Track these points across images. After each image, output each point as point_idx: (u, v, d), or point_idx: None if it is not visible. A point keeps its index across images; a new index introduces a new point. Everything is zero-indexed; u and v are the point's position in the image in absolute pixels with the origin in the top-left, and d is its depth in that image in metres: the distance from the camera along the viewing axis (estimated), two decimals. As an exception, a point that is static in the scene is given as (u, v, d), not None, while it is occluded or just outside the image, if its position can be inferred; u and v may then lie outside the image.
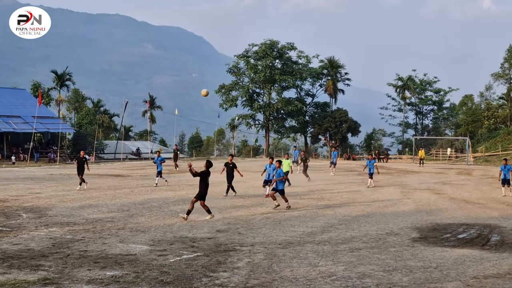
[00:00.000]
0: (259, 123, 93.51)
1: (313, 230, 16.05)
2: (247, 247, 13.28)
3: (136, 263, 11.51)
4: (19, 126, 65.76)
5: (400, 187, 30.73)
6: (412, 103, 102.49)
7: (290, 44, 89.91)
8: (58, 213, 18.90)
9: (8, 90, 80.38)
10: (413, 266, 11.51)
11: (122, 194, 25.31)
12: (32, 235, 14.78)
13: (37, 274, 10.45)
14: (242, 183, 31.78)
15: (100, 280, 10.02)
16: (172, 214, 19.01)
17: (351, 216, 19.02)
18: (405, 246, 13.78)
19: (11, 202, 22.17)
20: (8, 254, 12.33)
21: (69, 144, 79.01)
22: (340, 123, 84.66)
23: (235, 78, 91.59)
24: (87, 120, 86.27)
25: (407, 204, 22.73)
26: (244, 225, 16.81)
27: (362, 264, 11.56)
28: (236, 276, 10.45)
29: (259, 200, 23.36)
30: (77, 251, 12.57)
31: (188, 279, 10.15)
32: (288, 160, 30.58)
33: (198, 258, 12.06)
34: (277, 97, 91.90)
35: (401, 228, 16.61)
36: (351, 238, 14.79)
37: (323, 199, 24.13)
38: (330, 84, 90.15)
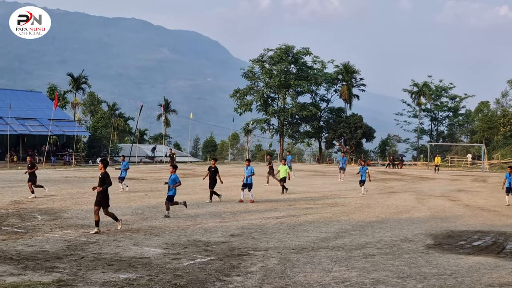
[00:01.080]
0: (273, 127, 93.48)
1: (327, 235, 16.00)
2: (260, 252, 13.27)
3: (150, 266, 11.53)
4: (35, 128, 66.23)
5: (415, 194, 30.57)
6: (427, 109, 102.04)
7: (305, 49, 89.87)
8: (73, 215, 18.99)
9: (25, 93, 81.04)
10: (428, 273, 11.44)
11: (136, 197, 25.39)
12: (47, 237, 14.87)
13: (51, 276, 10.50)
14: (256, 188, 31.76)
15: (114, 283, 10.05)
16: (186, 217, 19.04)
17: (365, 222, 18.95)
18: (419, 252, 13.70)
19: (26, 204, 22.31)
20: (23, 255, 12.40)
21: (84, 147, 79.43)
22: (355, 129, 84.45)
23: (250, 83, 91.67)
24: (102, 123, 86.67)
25: (422, 211, 22.60)
26: (258, 229, 16.80)
27: (376, 270, 11.51)
28: (250, 280, 10.44)
29: (273, 205, 23.33)
30: (91, 254, 12.62)
31: (202, 283, 10.16)
32: (285, 166, 29.95)
33: (211, 262, 12.06)
34: (292, 102, 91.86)
35: (416, 234, 16.52)
36: (365, 244, 14.72)
37: (337, 205, 24.05)
38: (345, 90, 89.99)
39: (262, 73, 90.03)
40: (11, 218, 18.20)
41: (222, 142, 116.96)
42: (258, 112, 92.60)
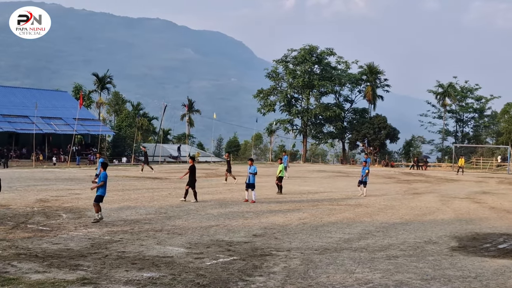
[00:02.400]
0: (297, 128, 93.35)
1: (350, 236, 15.93)
2: (283, 252, 13.26)
3: (173, 265, 11.58)
4: (61, 127, 66.95)
5: (439, 195, 30.31)
6: (452, 110, 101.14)
7: (329, 50, 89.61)
8: (97, 214, 19.15)
9: (50, 92, 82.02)
10: (452, 275, 11.34)
11: (159, 196, 25.51)
12: (71, 235, 15.00)
13: (76, 274, 10.59)
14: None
15: (137, 281, 10.11)
16: (209, 217, 19.09)
17: (389, 224, 18.83)
18: (443, 255, 13.58)
19: (51, 202, 22.53)
20: (48, 253, 12.53)
21: (109, 146, 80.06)
22: (379, 130, 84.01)
23: (274, 83, 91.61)
24: (126, 122, 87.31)
25: (446, 213, 22.41)
26: (281, 230, 16.78)
27: (400, 272, 11.43)
28: (272, 281, 10.44)
29: (296, 205, 23.30)
30: (115, 252, 12.71)
31: (224, 283, 10.17)
32: (282, 165, 29.61)
33: (234, 262, 12.07)
34: (316, 102, 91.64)
35: (440, 236, 16.38)
36: (388, 245, 14.64)
37: (360, 206, 23.94)
38: (369, 90, 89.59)
39: (285, 74, 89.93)
40: (36, 216, 18.39)
41: (246, 142, 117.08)
42: (282, 112, 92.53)
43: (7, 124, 63.06)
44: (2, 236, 14.43)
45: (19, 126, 63.58)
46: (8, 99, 69.05)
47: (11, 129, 62.72)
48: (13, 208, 20.24)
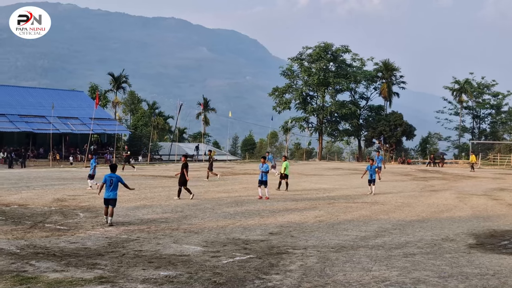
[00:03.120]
0: (312, 126, 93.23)
1: (367, 234, 15.88)
2: (299, 250, 13.24)
3: (190, 263, 11.60)
4: (77, 127, 67.33)
5: (456, 192, 30.12)
6: (469, 106, 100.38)
7: (344, 47, 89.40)
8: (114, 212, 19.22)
9: (67, 92, 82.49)
10: (469, 273, 11.26)
11: (176, 195, 25.57)
12: (88, 234, 15.09)
13: (93, 273, 10.65)
14: (295, 185, 31.72)
15: (154, 280, 10.15)
16: (225, 215, 19.11)
17: (406, 221, 18.75)
18: (461, 252, 13.50)
19: (68, 201, 22.68)
20: (65, 252, 12.61)
21: (125, 145, 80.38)
22: (395, 127, 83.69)
23: (289, 81, 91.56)
24: (142, 122, 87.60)
25: (463, 210, 22.26)
26: (297, 228, 16.77)
27: (417, 270, 11.37)
28: (289, 279, 10.43)
29: (312, 203, 23.26)
30: (132, 251, 12.76)
31: (241, 281, 10.18)
32: (287, 162, 29.51)
33: (250, 260, 12.08)
34: (331, 100, 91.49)
35: (457, 234, 16.28)
36: (405, 243, 14.57)
37: (377, 203, 23.85)
38: (385, 87, 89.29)
39: (301, 71, 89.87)
40: (54, 216, 18.52)
41: (261, 140, 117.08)
42: (297, 110, 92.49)
43: (25, 124, 63.52)
44: (20, 236, 14.55)
45: (36, 126, 64.01)
46: (25, 100, 69.55)
47: (28, 129, 63.17)
48: (31, 208, 20.40)
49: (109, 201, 16.82)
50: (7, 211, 19.38)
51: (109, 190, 16.94)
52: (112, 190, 16.93)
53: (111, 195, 16.87)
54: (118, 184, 17.21)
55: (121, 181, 17.18)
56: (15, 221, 17.09)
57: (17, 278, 10.06)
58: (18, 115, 64.73)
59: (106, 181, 17.02)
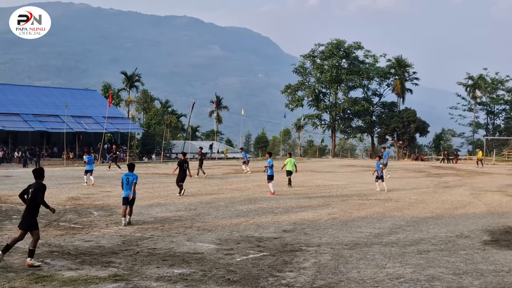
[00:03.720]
0: (325, 123, 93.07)
1: (380, 231, 15.84)
2: (313, 248, 13.23)
3: (203, 261, 11.63)
4: (91, 126, 67.66)
5: (470, 189, 29.96)
6: (483, 102, 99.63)
7: (356, 44, 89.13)
8: (127, 211, 19.30)
9: (80, 92, 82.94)
10: (484, 269, 11.21)
11: (189, 193, 25.63)
12: (103, 232, 15.17)
13: (108, 271, 10.70)
14: (308, 183, 31.71)
15: (168, 278, 10.18)
16: (238, 213, 19.14)
17: (419, 218, 18.68)
18: (475, 249, 13.43)
19: (82, 200, 22.80)
20: (80, 250, 12.68)
21: (138, 143, 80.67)
22: (408, 123, 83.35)
23: (301, 78, 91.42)
24: (155, 120, 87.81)
25: (478, 206, 22.14)
26: (310, 225, 16.76)
27: (431, 267, 11.34)
28: (303, 276, 10.43)
29: (325, 201, 23.23)
30: (146, 249, 12.81)
31: (255, 279, 10.19)
32: (292, 159, 29.60)
33: (264, 257, 12.09)
34: (344, 97, 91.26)
35: (472, 230, 16.20)
36: (419, 240, 14.52)
37: (390, 200, 23.78)
38: (398, 84, 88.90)
39: (313, 68, 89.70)
40: (68, 214, 18.63)
41: (274, 138, 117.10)
42: (310, 107, 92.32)
43: (39, 123, 63.92)
44: (35, 234, 14.63)
45: (50, 125, 64.40)
46: (39, 99, 70.01)
47: (42, 128, 63.57)
48: (45, 207, 20.52)
49: (128, 199, 16.67)
50: (22, 210, 19.49)
51: (127, 189, 16.71)
52: (130, 189, 16.70)
53: (127, 195, 16.69)
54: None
55: (135, 182, 16.79)
56: (30, 220, 17.20)
57: (32, 277, 10.14)
58: (32, 115, 65.16)
59: (123, 180, 16.83)
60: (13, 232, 14.98)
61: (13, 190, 26.94)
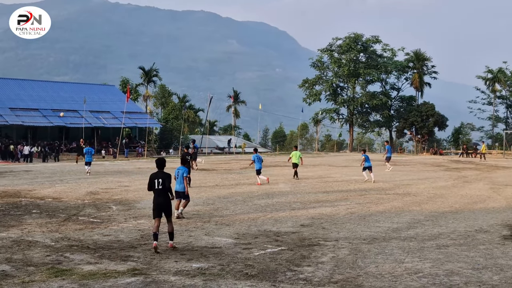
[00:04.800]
0: (343, 117, 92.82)
1: (399, 226, 15.77)
2: (331, 242, 13.21)
3: (221, 256, 11.66)
4: (109, 121, 68.01)
5: (490, 183, 29.72)
6: (502, 96, 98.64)
7: (374, 37, 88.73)
8: (146, 205, 19.35)
9: (98, 87, 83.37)
10: (504, 264, 11.11)
11: (207, 188, 25.69)
12: (121, 226, 15.25)
13: (126, 265, 10.76)
14: (327, 177, 31.65)
15: (186, 272, 10.22)
16: (256, 208, 19.15)
17: (438, 212, 18.57)
18: (495, 243, 13.32)
19: (101, 194, 22.94)
20: (99, 244, 12.76)
21: (156, 138, 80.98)
22: (427, 117, 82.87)
23: (319, 73, 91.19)
24: (173, 115, 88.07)
25: (497, 201, 21.95)
26: (328, 219, 16.72)
27: (450, 262, 11.26)
28: (321, 271, 10.41)
29: (343, 195, 23.17)
30: (164, 243, 12.85)
31: (273, 273, 10.20)
32: (298, 152, 31.79)
33: (282, 252, 12.09)
34: (361, 91, 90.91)
35: (491, 225, 16.06)
36: (438, 234, 14.43)
37: (409, 195, 23.66)
38: (416, 78, 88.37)
39: (331, 63, 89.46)
40: (87, 209, 18.76)
41: (291, 132, 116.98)
42: (327, 102, 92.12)
43: (58, 118, 64.37)
44: (55, 228, 14.77)
45: (69, 120, 64.83)
46: (58, 94, 70.49)
47: (61, 123, 64.01)
48: (64, 201, 20.70)
49: (179, 194, 16.42)
50: (42, 205, 19.69)
51: (177, 182, 16.43)
52: (181, 182, 16.43)
53: (179, 188, 16.40)
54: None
55: (185, 175, 16.44)
56: (50, 214, 17.36)
57: (52, 270, 10.22)
58: (51, 110, 65.62)
59: (176, 174, 16.48)
60: (33, 226, 15.13)
61: (32, 184, 27.21)
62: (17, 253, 11.79)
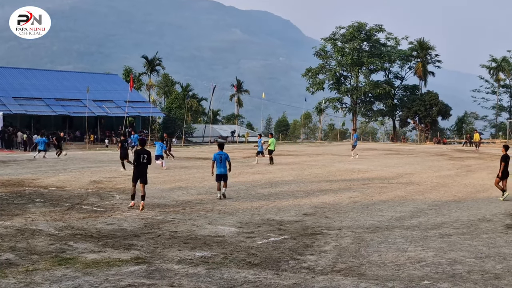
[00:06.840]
0: (346, 106, 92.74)
1: (402, 215, 15.77)
2: (334, 231, 13.22)
3: (225, 244, 11.68)
4: (112, 110, 68.03)
5: (493, 172, 29.55)
6: (506, 85, 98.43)
7: (378, 26, 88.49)
8: (149, 194, 19.35)
9: (102, 76, 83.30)
10: (507, 253, 11.12)
11: (210, 177, 25.66)
12: (125, 215, 15.28)
13: (130, 253, 10.79)
14: (329, 166, 31.65)
15: (189, 260, 10.24)
16: (259, 197, 19.17)
17: (441, 201, 18.57)
18: (498, 232, 13.33)
19: (105, 183, 22.98)
20: (102, 233, 12.79)
21: (159, 127, 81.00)
22: (430, 106, 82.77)
23: (322, 61, 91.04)
24: (176, 104, 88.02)
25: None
26: (331, 208, 16.74)
27: (453, 251, 11.27)
28: (323, 259, 10.43)
29: (346, 184, 23.18)
30: (167, 232, 12.88)
31: (276, 262, 10.22)
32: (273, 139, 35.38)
33: (285, 241, 12.10)
34: (365, 80, 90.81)
35: (494, 214, 16.07)
36: (441, 223, 14.44)
37: (412, 184, 23.66)
38: (420, 66, 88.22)
39: (334, 52, 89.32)
40: (90, 197, 18.80)
41: (295, 121, 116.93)
42: (331, 91, 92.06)
43: (61, 107, 64.40)
44: (59, 217, 14.80)
45: (72, 109, 64.89)
46: (61, 83, 70.44)
47: (64, 112, 64.07)
48: (68, 190, 20.74)
49: (221, 176, 18.64)
50: (45, 193, 19.74)
51: (220, 166, 18.72)
52: (223, 166, 18.72)
53: (223, 171, 18.70)
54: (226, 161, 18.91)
55: (228, 159, 18.98)
56: (53, 203, 17.40)
57: (56, 259, 10.25)
58: (54, 99, 65.65)
59: (216, 159, 18.81)
60: (36, 215, 15.17)
61: (36, 173, 27.26)
62: (21, 241, 11.83)
